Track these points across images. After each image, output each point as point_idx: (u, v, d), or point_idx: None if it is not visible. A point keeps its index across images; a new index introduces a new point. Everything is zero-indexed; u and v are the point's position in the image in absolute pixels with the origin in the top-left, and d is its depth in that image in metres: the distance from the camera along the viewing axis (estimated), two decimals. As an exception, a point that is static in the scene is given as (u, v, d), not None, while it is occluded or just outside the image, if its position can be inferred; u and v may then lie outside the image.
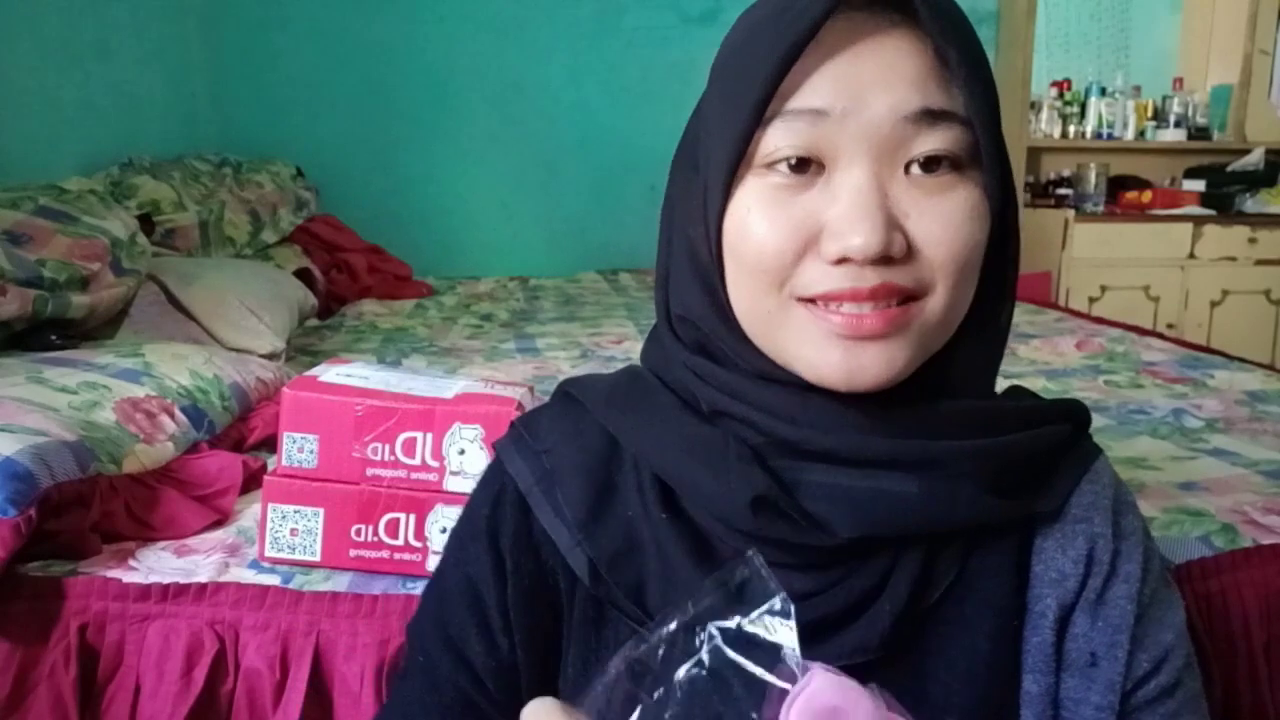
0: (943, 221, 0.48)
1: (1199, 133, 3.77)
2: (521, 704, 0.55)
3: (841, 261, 0.48)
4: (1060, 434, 0.56)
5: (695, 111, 0.56)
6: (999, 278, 0.54)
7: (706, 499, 0.53)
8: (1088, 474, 0.57)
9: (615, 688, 0.39)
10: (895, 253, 0.48)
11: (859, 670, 0.51)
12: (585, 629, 0.56)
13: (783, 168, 0.49)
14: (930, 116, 0.48)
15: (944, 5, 0.49)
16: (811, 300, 0.49)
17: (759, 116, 0.49)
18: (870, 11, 0.48)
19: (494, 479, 0.60)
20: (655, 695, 0.39)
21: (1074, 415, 0.58)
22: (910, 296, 0.49)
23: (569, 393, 0.61)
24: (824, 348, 0.49)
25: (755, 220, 0.50)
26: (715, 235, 0.52)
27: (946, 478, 0.51)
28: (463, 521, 0.61)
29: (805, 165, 0.49)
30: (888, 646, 0.51)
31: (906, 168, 0.49)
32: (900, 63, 0.48)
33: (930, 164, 0.48)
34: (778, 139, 0.49)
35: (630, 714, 0.38)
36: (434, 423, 0.91)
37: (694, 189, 0.54)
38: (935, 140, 0.48)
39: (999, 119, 0.51)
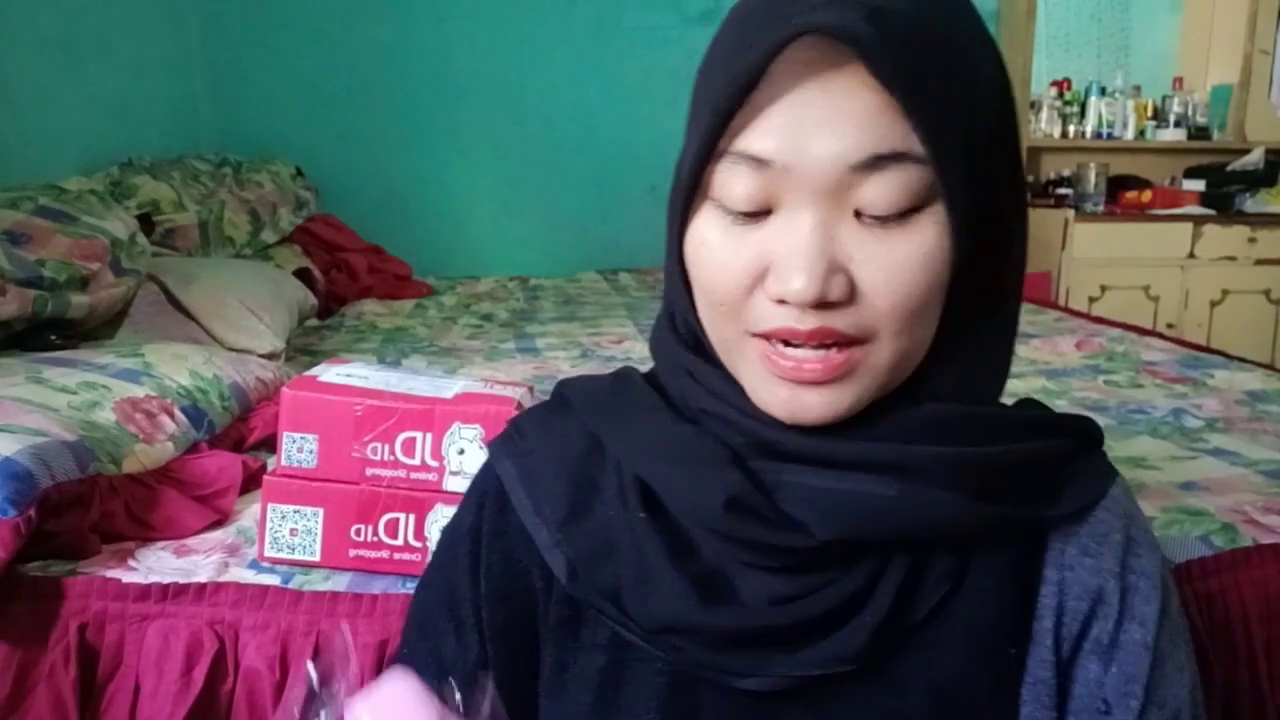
0: (887, 271, 0.47)
1: (1199, 133, 3.76)
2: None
3: (784, 301, 0.48)
4: (1059, 449, 0.54)
5: None
6: (990, 287, 0.53)
7: (683, 499, 0.53)
8: (1104, 500, 0.55)
9: None
10: (835, 297, 0.47)
11: (837, 681, 0.51)
12: (561, 630, 0.56)
13: (732, 212, 0.49)
14: (880, 161, 0.45)
15: (901, 30, 0.45)
16: (762, 336, 0.49)
17: (709, 151, 0.48)
18: (827, 44, 0.45)
19: (483, 479, 0.61)
20: None
21: (1083, 431, 0.56)
22: (853, 340, 0.48)
23: (563, 394, 0.61)
24: (770, 386, 0.50)
25: (709, 252, 0.50)
26: (678, 256, 0.52)
27: (925, 483, 0.50)
28: (452, 521, 0.61)
29: (752, 211, 0.48)
30: (866, 659, 0.50)
31: (857, 212, 0.47)
32: (850, 103, 0.45)
33: (879, 215, 0.47)
34: (726, 179, 0.48)
35: None
36: (434, 423, 0.91)
37: (674, 206, 0.54)
38: (884, 188, 0.46)
39: (969, 132, 0.47)
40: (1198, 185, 3.61)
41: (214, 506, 1.07)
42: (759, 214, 0.48)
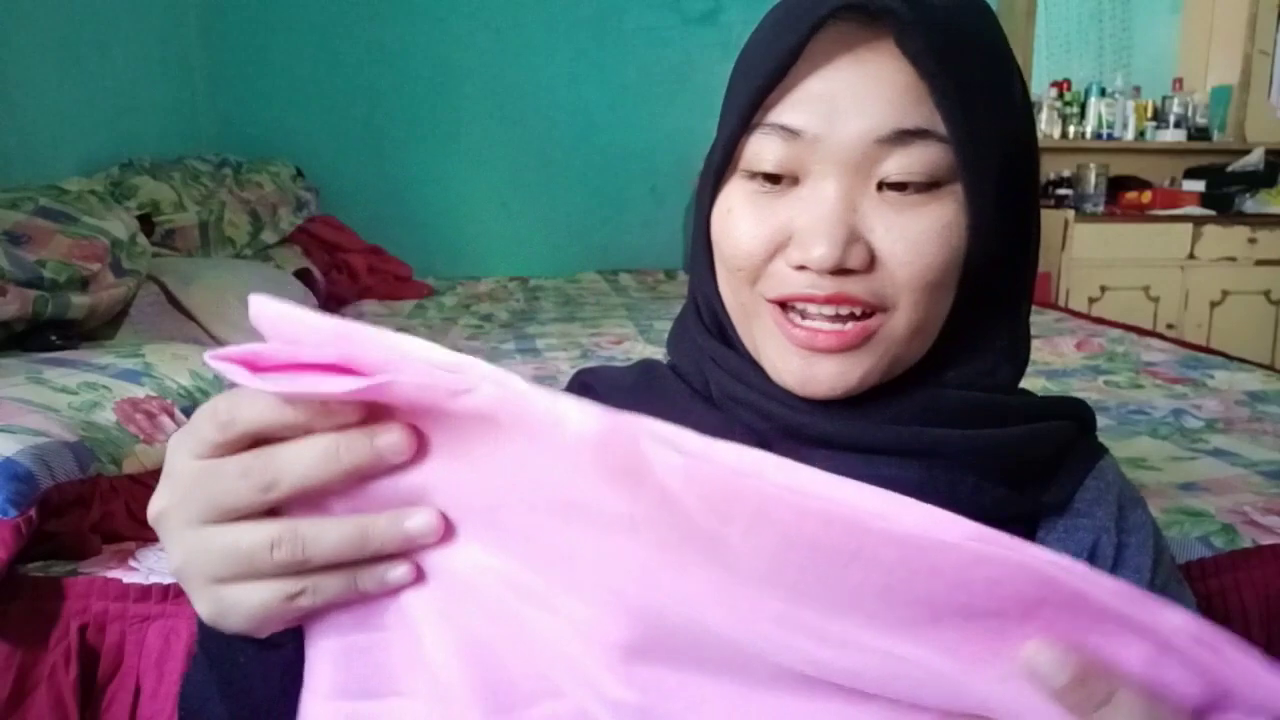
0: (906, 241, 0.49)
1: (1199, 133, 3.76)
2: None
3: (803, 268, 0.49)
4: (1065, 430, 0.56)
5: None
6: (1009, 286, 0.55)
7: None
8: (1093, 471, 0.57)
9: None
10: (854, 266, 0.49)
11: None
12: None
13: (759, 177, 0.51)
14: (904, 136, 0.48)
15: (936, 19, 0.47)
16: (778, 303, 0.51)
17: (744, 126, 0.51)
18: (860, 22, 0.48)
19: None
20: None
21: (1078, 413, 0.59)
22: (870, 309, 0.50)
23: (585, 381, 0.62)
24: (784, 354, 0.51)
25: (734, 220, 0.52)
26: (705, 228, 0.55)
27: (948, 467, 0.52)
28: None
29: (779, 177, 0.51)
30: None
31: (879, 184, 0.49)
32: (879, 80, 0.48)
33: (900, 184, 0.49)
34: (757, 148, 0.51)
35: None
36: (434, 423, 0.91)
37: (705, 180, 0.56)
38: (907, 160, 0.48)
39: (1001, 130, 0.50)
40: (1198, 186, 3.61)
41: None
42: (785, 183, 0.50)
